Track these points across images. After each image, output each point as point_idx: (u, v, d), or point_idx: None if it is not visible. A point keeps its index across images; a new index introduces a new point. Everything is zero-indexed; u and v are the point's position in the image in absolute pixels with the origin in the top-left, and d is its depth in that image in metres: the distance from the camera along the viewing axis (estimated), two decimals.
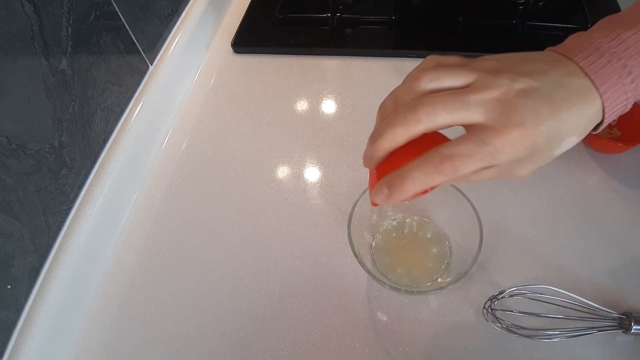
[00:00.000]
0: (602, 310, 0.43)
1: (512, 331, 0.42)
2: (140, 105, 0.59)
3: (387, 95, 0.35)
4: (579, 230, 0.50)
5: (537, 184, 0.54)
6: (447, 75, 0.32)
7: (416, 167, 0.30)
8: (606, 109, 0.30)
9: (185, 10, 0.70)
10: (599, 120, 0.31)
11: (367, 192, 0.47)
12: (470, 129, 0.30)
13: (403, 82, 0.34)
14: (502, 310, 0.44)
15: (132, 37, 0.58)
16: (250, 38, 0.75)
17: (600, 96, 0.29)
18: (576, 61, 0.30)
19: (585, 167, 0.55)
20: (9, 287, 0.42)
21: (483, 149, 0.29)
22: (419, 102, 0.31)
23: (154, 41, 0.63)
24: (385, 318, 0.47)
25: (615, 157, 0.55)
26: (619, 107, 0.30)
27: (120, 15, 0.55)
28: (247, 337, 0.47)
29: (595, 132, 0.32)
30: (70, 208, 0.50)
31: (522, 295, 0.45)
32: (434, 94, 0.31)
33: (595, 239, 0.50)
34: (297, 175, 0.59)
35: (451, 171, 0.29)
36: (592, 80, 0.29)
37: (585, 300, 0.43)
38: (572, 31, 0.33)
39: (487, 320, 0.44)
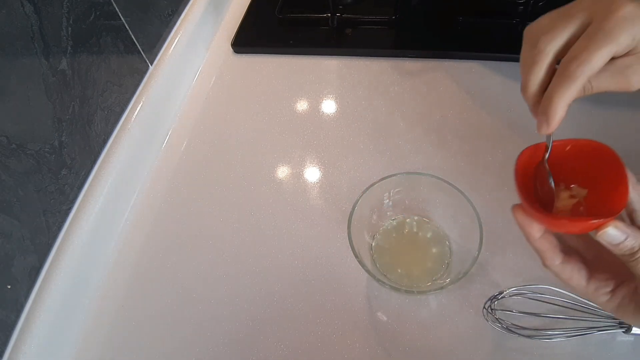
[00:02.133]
0: (602, 310, 0.43)
1: (512, 331, 0.42)
2: (140, 105, 0.59)
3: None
4: None
5: None
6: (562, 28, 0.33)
7: (554, 85, 0.31)
8: None
9: (185, 10, 0.70)
10: None
11: (367, 192, 0.47)
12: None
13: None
14: (502, 310, 0.44)
15: (132, 37, 0.58)
16: (250, 38, 0.75)
17: None
18: None
19: None
20: (9, 287, 0.42)
21: (595, 35, 0.30)
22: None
23: (154, 41, 0.63)
24: (385, 318, 0.47)
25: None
26: None
27: (120, 15, 0.55)
28: (247, 337, 0.47)
29: None
30: (70, 208, 0.50)
31: (522, 295, 0.45)
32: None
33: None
34: (297, 175, 0.59)
35: (579, 71, 0.30)
36: None
37: (586, 300, 0.43)
38: None
39: (487, 320, 0.44)
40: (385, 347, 0.45)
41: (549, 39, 0.32)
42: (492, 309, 0.44)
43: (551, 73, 0.33)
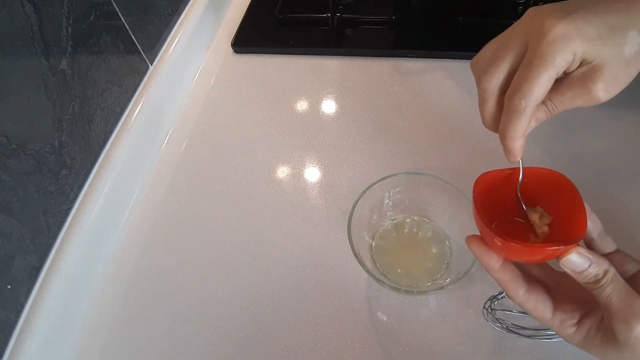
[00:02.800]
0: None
1: (512, 331, 0.42)
2: (140, 105, 0.59)
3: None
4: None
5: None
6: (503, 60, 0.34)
7: (503, 123, 0.33)
8: None
9: (185, 10, 0.70)
10: None
11: (367, 191, 0.47)
12: None
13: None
14: (502, 310, 0.44)
15: (132, 37, 0.58)
16: (250, 38, 0.75)
17: None
18: None
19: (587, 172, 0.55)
20: (9, 287, 0.42)
21: (531, 63, 0.31)
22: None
23: (154, 41, 0.63)
24: (385, 318, 0.47)
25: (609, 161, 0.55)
26: None
27: (120, 15, 0.55)
28: (247, 337, 0.47)
29: None
30: (70, 208, 0.50)
31: None
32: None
33: None
34: (297, 175, 0.59)
35: (522, 103, 0.31)
36: None
37: None
38: None
39: (487, 320, 0.44)
40: (385, 347, 0.45)
41: (489, 77, 0.34)
42: (492, 309, 0.44)
43: (502, 106, 0.33)
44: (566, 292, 0.34)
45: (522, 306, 0.34)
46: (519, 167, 0.36)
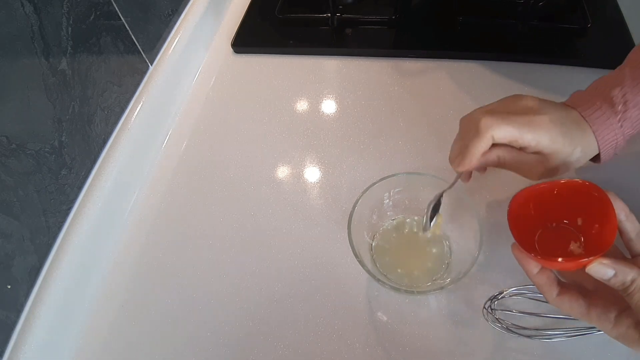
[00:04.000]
0: None
1: (512, 331, 0.42)
2: (140, 105, 0.59)
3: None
4: None
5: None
6: None
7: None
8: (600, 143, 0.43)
9: (185, 10, 0.70)
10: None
11: (367, 191, 0.47)
12: None
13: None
14: (502, 310, 0.44)
15: (132, 37, 0.58)
16: (250, 38, 0.75)
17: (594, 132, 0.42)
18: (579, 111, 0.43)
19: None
20: (9, 287, 0.42)
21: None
22: None
23: (154, 41, 0.63)
24: (385, 318, 0.47)
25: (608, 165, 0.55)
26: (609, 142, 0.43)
27: (120, 15, 0.55)
28: (247, 337, 0.47)
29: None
30: (70, 208, 0.50)
31: (522, 295, 0.45)
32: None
33: None
34: (297, 176, 0.59)
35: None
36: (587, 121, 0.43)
37: None
38: (572, 31, 0.33)
39: (487, 320, 0.44)
40: (385, 347, 0.45)
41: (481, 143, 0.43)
42: (492, 309, 0.44)
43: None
44: (603, 292, 0.37)
45: (557, 307, 0.37)
46: (555, 181, 0.41)
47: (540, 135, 0.41)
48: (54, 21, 0.45)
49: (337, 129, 0.63)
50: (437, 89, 0.65)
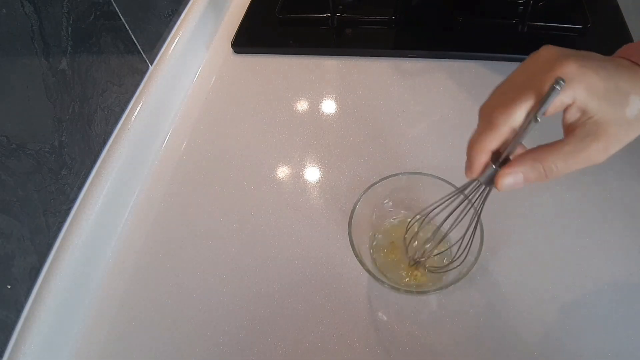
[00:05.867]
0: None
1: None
2: (140, 105, 0.59)
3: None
4: (580, 230, 0.50)
5: (537, 183, 0.54)
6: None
7: (477, 130, 0.35)
8: None
9: (185, 10, 0.70)
10: None
11: (367, 191, 0.47)
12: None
13: None
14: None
15: (132, 37, 0.58)
16: (250, 38, 0.75)
17: None
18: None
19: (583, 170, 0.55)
20: (9, 287, 0.42)
21: (526, 86, 0.32)
22: None
23: (154, 41, 0.63)
24: (385, 318, 0.47)
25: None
26: None
27: (120, 15, 0.55)
28: (247, 337, 0.47)
29: None
30: (70, 208, 0.50)
31: None
32: None
33: (596, 237, 0.50)
34: (297, 176, 0.59)
35: (498, 119, 0.32)
36: None
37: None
38: (572, 31, 0.33)
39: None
40: (385, 347, 0.45)
41: (504, 117, 0.33)
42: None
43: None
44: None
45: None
46: None
47: (574, 90, 0.30)
48: (54, 21, 0.45)
49: (337, 129, 0.63)
50: (437, 89, 0.65)
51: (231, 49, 0.74)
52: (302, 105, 0.66)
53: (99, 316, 0.50)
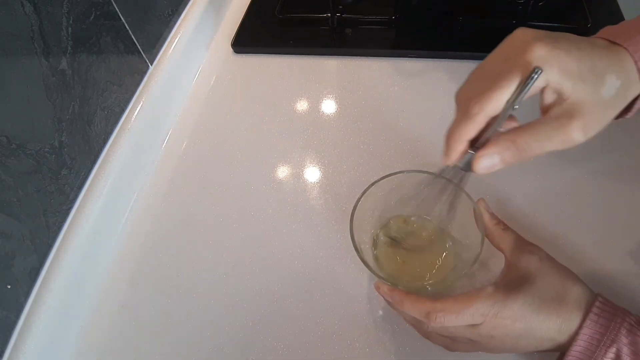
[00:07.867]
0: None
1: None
2: (140, 105, 0.59)
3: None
4: (580, 227, 0.50)
5: (537, 183, 0.54)
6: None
7: (456, 120, 0.36)
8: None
9: (185, 10, 0.70)
10: None
11: (369, 190, 0.47)
12: None
13: None
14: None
15: (132, 37, 0.58)
16: (250, 38, 0.75)
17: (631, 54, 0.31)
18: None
19: (583, 166, 0.55)
20: (9, 287, 0.42)
21: (500, 73, 0.32)
22: None
23: (154, 41, 0.63)
24: (385, 318, 0.47)
25: (613, 154, 0.55)
26: None
27: (120, 15, 0.55)
28: (247, 337, 0.47)
29: None
30: (70, 208, 0.50)
31: None
32: None
33: (596, 234, 0.50)
34: (297, 175, 0.59)
35: (475, 108, 0.33)
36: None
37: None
38: (572, 31, 0.33)
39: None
40: (385, 347, 0.45)
41: (479, 104, 0.33)
42: None
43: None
44: None
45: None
46: None
47: (546, 72, 0.30)
48: (54, 21, 0.45)
49: (337, 129, 0.63)
50: (437, 89, 0.65)
51: (231, 49, 0.74)
52: (302, 105, 0.66)
53: (99, 316, 0.50)
